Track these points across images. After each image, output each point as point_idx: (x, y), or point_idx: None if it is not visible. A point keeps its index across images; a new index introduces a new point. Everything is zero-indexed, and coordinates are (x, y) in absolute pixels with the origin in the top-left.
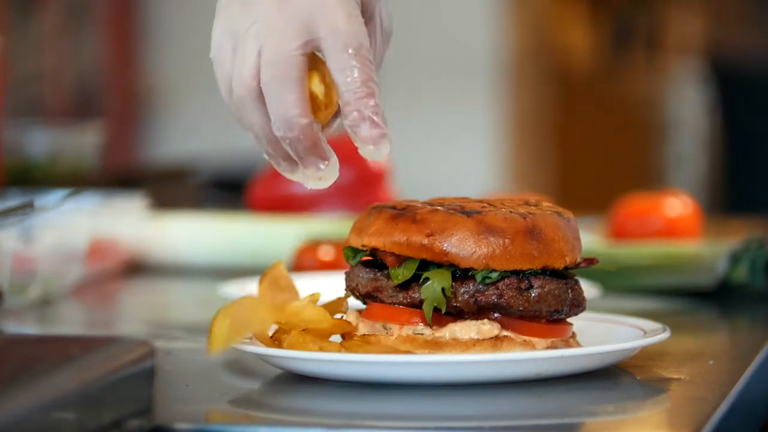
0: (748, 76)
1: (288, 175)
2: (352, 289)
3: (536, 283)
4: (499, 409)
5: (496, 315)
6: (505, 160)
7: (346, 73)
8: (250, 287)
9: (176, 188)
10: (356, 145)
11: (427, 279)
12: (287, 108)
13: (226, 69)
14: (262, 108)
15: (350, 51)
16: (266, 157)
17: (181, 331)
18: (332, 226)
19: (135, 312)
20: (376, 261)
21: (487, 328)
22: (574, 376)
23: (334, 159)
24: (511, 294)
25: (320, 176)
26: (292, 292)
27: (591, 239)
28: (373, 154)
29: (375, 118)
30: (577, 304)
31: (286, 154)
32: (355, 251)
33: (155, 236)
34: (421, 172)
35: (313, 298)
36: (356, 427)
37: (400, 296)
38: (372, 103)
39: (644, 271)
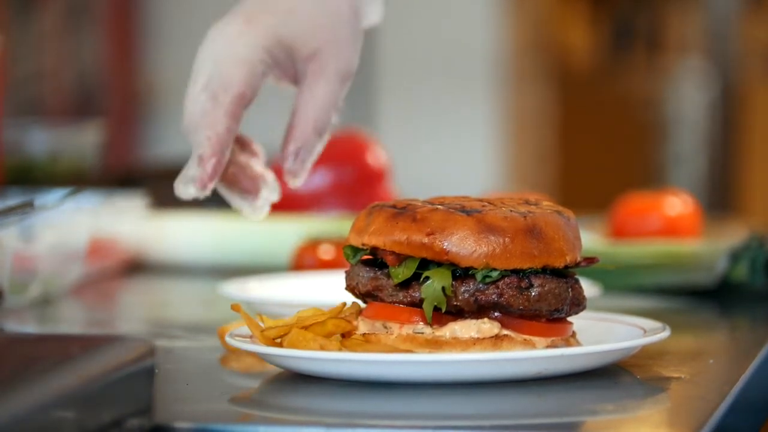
0: None
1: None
2: (352, 288)
3: (536, 282)
4: (499, 408)
5: (496, 314)
6: (505, 159)
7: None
8: (250, 286)
9: None
10: None
11: (427, 278)
12: None
13: None
14: None
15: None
16: None
17: (181, 330)
18: (332, 225)
19: (135, 311)
20: (376, 260)
21: (487, 327)
22: (574, 375)
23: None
24: (511, 293)
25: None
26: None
27: (591, 238)
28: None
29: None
30: (578, 303)
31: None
32: (355, 250)
33: (155, 235)
34: (421, 171)
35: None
36: (356, 426)
37: (401, 295)
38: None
39: (644, 270)
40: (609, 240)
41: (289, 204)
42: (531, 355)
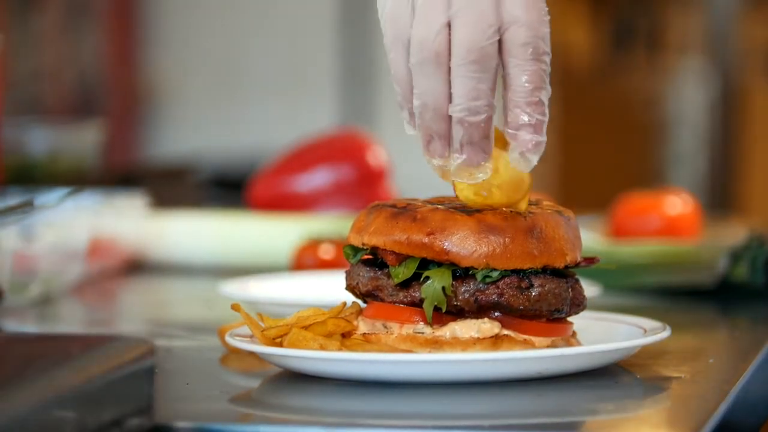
0: None
1: (432, 159)
2: (352, 288)
3: (536, 282)
4: (500, 407)
5: (496, 314)
6: None
7: (522, 72)
8: (250, 286)
9: (176, 187)
10: (510, 148)
11: (427, 278)
12: (479, 94)
13: (403, 29)
14: (443, 76)
15: (530, 51)
16: (412, 130)
17: (181, 329)
18: (332, 224)
19: (135, 310)
20: (376, 260)
21: (487, 326)
22: (575, 374)
23: (490, 161)
24: (511, 293)
25: (471, 172)
26: None
27: (591, 238)
28: (521, 162)
29: (538, 125)
30: (578, 303)
31: (446, 134)
32: (356, 250)
33: (155, 235)
34: (421, 171)
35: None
36: (356, 426)
37: (401, 295)
38: (540, 110)
39: (644, 270)
40: (609, 240)
41: (289, 203)
42: (531, 355)
